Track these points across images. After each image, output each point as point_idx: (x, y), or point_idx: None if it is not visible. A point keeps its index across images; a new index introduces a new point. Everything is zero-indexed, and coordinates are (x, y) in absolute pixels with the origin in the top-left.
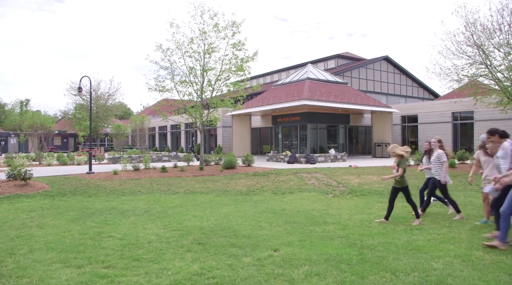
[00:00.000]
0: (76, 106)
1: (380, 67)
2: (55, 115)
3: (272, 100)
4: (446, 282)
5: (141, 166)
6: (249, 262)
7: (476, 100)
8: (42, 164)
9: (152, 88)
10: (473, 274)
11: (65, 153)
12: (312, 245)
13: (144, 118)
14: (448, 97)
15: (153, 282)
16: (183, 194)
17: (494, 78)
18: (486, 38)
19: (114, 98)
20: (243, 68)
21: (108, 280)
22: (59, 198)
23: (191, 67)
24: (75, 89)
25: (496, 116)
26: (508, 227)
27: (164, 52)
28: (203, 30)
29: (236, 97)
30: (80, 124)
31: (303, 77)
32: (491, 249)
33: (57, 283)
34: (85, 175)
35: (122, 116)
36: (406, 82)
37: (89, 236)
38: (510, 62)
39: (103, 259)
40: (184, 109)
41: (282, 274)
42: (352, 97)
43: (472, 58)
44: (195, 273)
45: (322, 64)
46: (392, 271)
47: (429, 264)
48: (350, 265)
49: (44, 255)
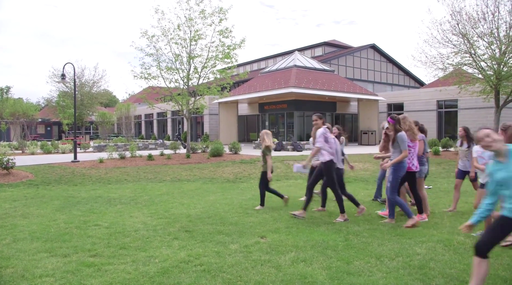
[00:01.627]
0: (60, 94)
1: (367, 55)
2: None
3: (259, 88)
4: (428, 266)
5: (127, 154)
6: (236, 249)
7: (461, 88)
8: (25, 153)
9: (137, 75)
10: (454, 257)
11: (49, 141)
12: (298, 231)
13: (130, 106)
14: (433, 86)
15: (140, 270)
16: (170, 182)
17: (478, 67)
18: (471, 27)
19: (99, 85)
20: (230, 56)
21: (95, 269)
22: (43, 187)
23: (177, 54)
24: (58, 77)
25: (479, 104)
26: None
27: (149, 39)
28: (189, 17)
29: (223, 84)
30: (64, 112)
31: (290, 65)
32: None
33: (43, 272)
34: (70, 164)
35: (107, 104)
36: (392, 71)
37: (75, 225)
38: (493, 52)
39: (89, 248)
40: (171, 97)
41: (269, 261)
42: (339, 85)
43: (457, 47)
44: (182, 261)
45: (309, 52)
46: (377, 257)
47: (413, 249)
48: (336, 251)
49: (29, 245)
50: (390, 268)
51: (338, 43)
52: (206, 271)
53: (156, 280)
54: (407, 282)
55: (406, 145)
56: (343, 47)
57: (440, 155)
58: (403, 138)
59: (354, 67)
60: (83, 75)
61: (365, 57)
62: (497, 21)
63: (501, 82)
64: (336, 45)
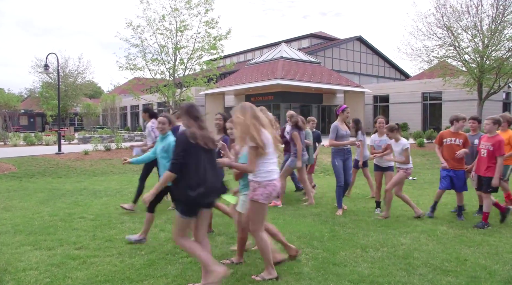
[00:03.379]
0: (43, 85)
1: (353, 47)
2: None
3: (245, 80)
4: (412, 255)
5: (113, 146)
6: (222, 240)
7: (445, 81)
8: (8, 145)
9: (122, 66)
10: (437, 247)
11: (32, 133)
12: (285, 223)
13: (115, 98)
14: (418, 78)
15: (126, 262)
16: (156, 174)
17: (461, 59)
18: (455, 20)
19: (83, 76)
20: (216, 47)
21: (80, 261)
22: (26, 179)
23: (163, 45)
24: (41, 67)
25: (463, 97)
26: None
27: (134, 30)
28: (175, 7)
29: (209, 76)
30: (48, 104)
31: (277, 56)
32: (455, 224)
33: (26, 266)
34: (54, 155)
35: (92, 95)
36: (378, 63)
37: (59, 217)
38: (476, 45)
39: (74, 241)
40: (157, 88)
41: (255, 252)
42: (325, 77)
43: (441, 40)
44: (168, 253)
45: (296, 44)
46: (362, 247)
47: (397, 240)
48: (322, 242)
49: (12, 238)
50: (375, 258)
51: (325, 35)
52: (192, 262)
53: (143, 272)
54: (391, 271)
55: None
56: (330, 39)
57: (424, 146)
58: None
59: (340, 59)
60: (67, 66)
61: (351, 49)
62: (480, 15)
63: (484, 75)
64: (322, 37)
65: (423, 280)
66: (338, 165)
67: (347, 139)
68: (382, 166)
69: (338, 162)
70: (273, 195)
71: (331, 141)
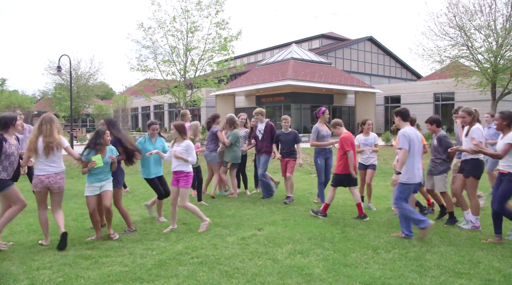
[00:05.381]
0: (56, 86)
1: (364, 48)
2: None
3: (256, 80)
4: (424, 257)
5: None
6: (233, 241)
7: (457, 81)
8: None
9: (134, 68)
10: (449, 249)
11: None
12: (295, 224)
13: (127, 99)
14: (430, 79)
15: (137, 262)
16: (167, 174)
17: (474, 59)
18: (467, 19)
19: (95, 78)
20: (226, 48)
21: (92, 261)
22: None
23: (174, 47)
24: (54, 69)
25: (476, 97)
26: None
27: (145, 31)
28: (186, 8)
29: (219, 77)
30: (61, 105)
31: (287, 57)
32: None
33: (40, 265)
34: (66, 156)
35: (104, 96)
36: (389, 63)
37: (72, 217)
38: (490, 44)
39: (86, 241)
40: (167, 89)
41: (266, 253)
42: (336, 77)
43: (454, 40)
44: (179, 253)
45: (306, 44)
46: (373, 249)
47: (409, 241)
48: (332, 243)
49: (26, 238)
50: (387, 260)
51: (336, 36)
52: (203, 263)
53: (154, 272)
54: (403, 273)
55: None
56: (340, 39)
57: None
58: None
59: (351, 59)
60: (79, 68)
61: (362, 50)
62: (494, 14)
63: (498, 75)
64: (333, 37)
65: (435, 282)
66: (320, 163)
67: (327, 139)
68: (366, 164)
69: (321, 161)
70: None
71: (313, 142)
